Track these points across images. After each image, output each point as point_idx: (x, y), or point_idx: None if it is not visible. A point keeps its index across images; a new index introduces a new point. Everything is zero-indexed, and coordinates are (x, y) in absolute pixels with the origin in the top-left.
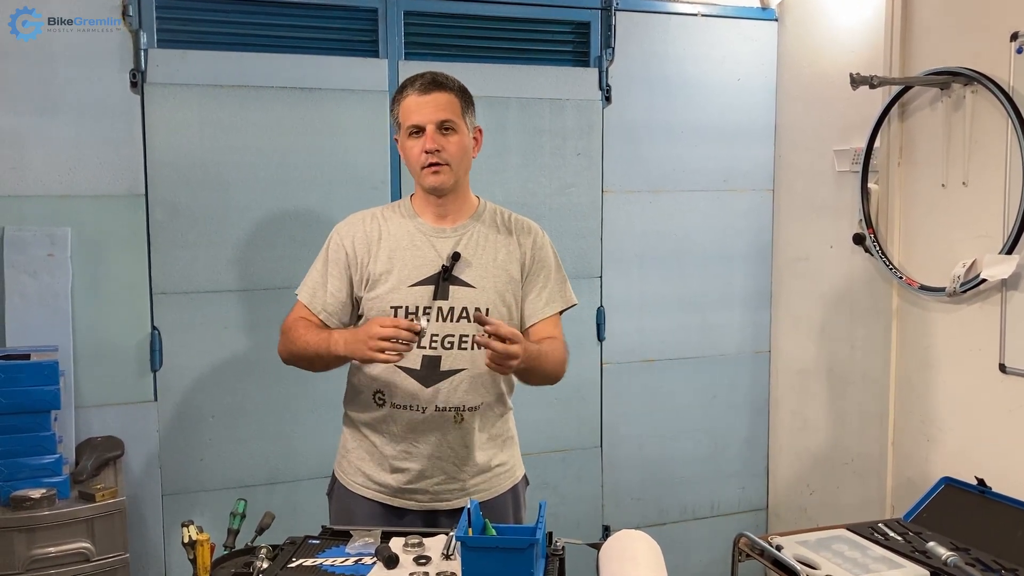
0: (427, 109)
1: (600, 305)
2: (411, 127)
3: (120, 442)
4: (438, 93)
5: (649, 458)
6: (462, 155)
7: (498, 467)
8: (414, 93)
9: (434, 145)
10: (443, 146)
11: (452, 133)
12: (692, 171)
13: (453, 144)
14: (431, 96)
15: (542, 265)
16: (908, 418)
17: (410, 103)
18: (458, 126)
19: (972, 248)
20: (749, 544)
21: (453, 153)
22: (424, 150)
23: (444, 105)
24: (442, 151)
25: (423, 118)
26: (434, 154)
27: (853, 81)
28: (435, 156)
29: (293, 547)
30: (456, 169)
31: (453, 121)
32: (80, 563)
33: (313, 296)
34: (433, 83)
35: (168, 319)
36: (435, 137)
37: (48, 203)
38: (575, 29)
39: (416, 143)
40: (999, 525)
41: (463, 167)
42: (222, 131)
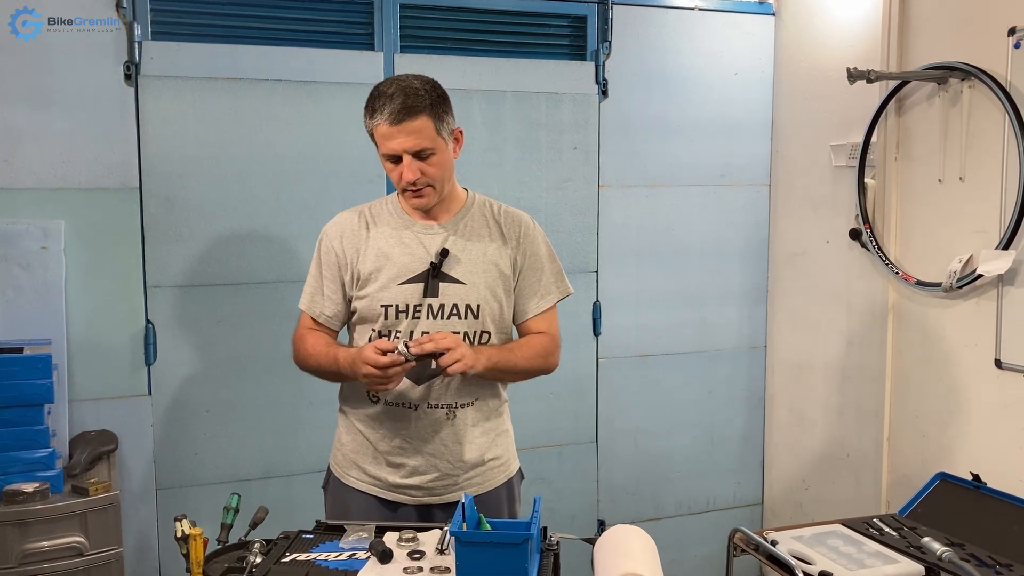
0: (400, 139)
1: (596, 300)
2: (386, 156)
3: (114, 436)
4: (410, 121)
5: (644, 453)
6: (443, 172)
7: (492, 461)
8: (385, 123)
9: (413, 175)
10: (422, 171)
11: (431, 155)
12: (689, 166)
13: (433, 166)
14: (403, 125)
15: (535, 259)
16: (904, 413)
17: (383, 131)
18: (435, 147)
19: (968, 243)
20: (744, 539)
21: (433, 175)
22: (403, 180)
23: (418, 132)
24: (421, 177)
25: (397, 148)
26: (415, 183)
27: (850, 76)
28: (415, 184)
29: (287, 542)
30: (439, 187)
31: (428, 147)
32: (73, 557)
33: (312, 303)
34: (403, 110)
35: (162, 313)
36: (412, 166)
37: (41, 196)
38: (572, 23)
39: (394, 167)
40: (994, 521)
41: (445, 180)
42: (216, 124)
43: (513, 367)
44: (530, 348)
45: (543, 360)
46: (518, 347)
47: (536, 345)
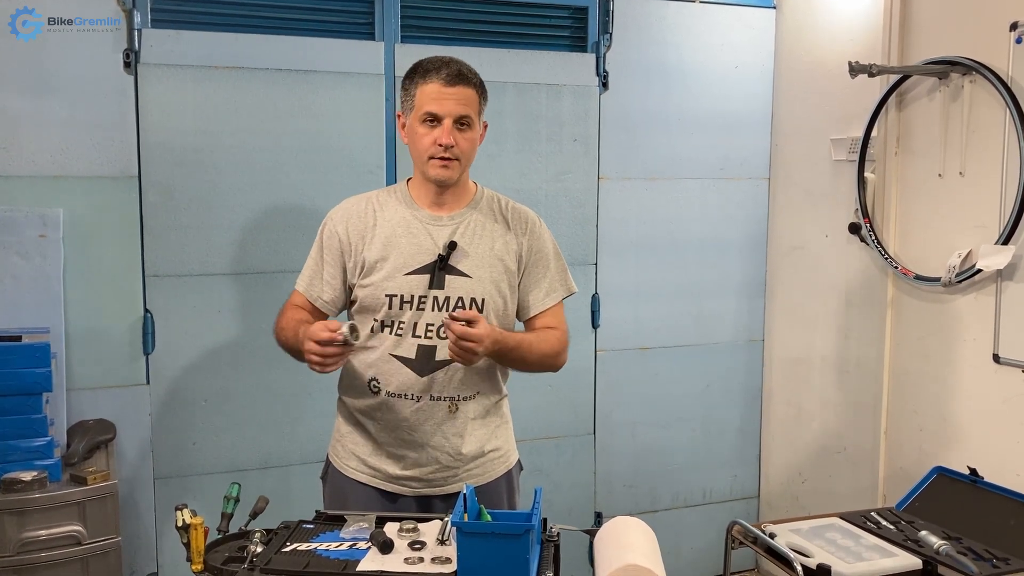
0: (449, 102)
1: (595, 292)
2: (428, 114)
3: (112, 425)
4: (463, 87)
5: (642, 445)
6: (472, 151)
7: (492, 452)
8: (439, 82)
9: (449, 140)
10: (457, 141)
11: (467, 129)
12: (689, 159)
13: (466, 140)
14: (456, 89)
15: (541, 255)
16: (901, 407)
17: (432, 90)
18: (473, 123)
19: (968, 238)
20: (742, 532)
21: (465, 149)
22: (438, 142)
23: (466, 100)
24: (455, 147)
25: (443, 110)
26: (448, 149)
27: (851, 69)
28: (448, 151)
29: (287, 531)
30: (465, 164)
31: (471, 118)
32: (71, 546)
33: (310, 285)
34: (459, 76)
35: (161, 302)
36: (451, 132)
37: (40, 184)
38: (573, 14)
39: (429, 132)
40: (990, 514)
41: (470, 161)
42: (216, 113)
43: (521, 358)
44: (543, 344)
45: (553, 359)
46: (536, 341)
47: (550, 341)
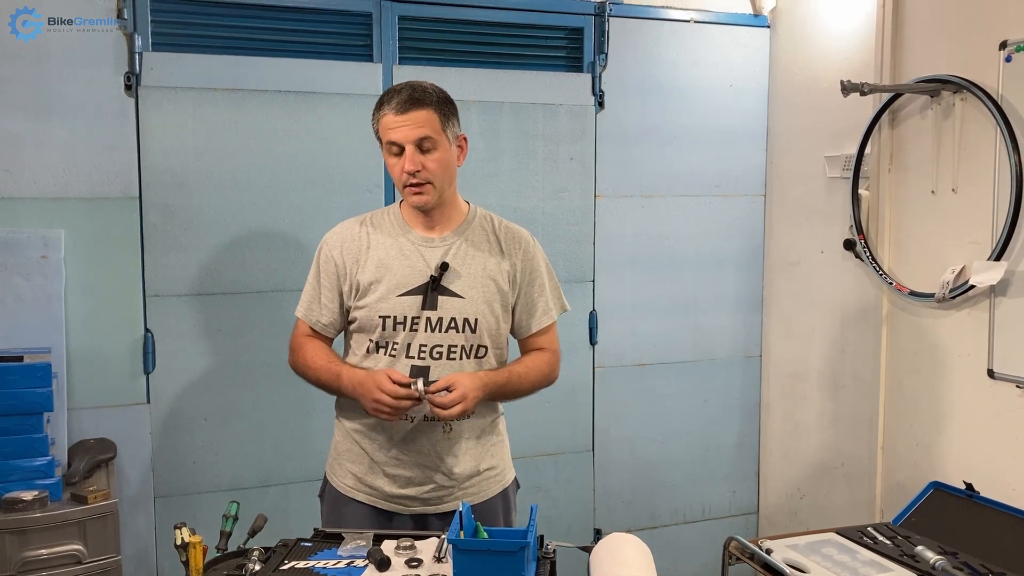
0: (404, 129)
1: (592, 309)
2: (390, 144)
3: (112, 444)
4: (415, 111)
5: (640, 461)
6: (444, 170)
7: (488, 471)
8: (391, 112)
9: (413, 166)
10: (423, 164)
11: (433, 150)
12: (684, 176)
13: (433, 161)
14: (408, 115)
15: (534, 276)
16: (898, 423)
17: (388, 121)
18: (438, 142)
19: (961, 254)
20: (739, 548)
21: (434, 170)
22: (403, 170)
23: (422, 123)
24: (422, 170)
25: (401, 137)
26: (414, 175)
27: (844, 88)
28: (415, 176)
29: (285, 549)
30: (439, 185)
31: (432, 139)
32: (72, 565)
33: (309, 310)
34: (410, 101)
35: (161, 321)
36: (414, 157)
37: (42, 205)
38: (568, 35)
39: (396, 161)
40: (987, 529)
41: (446, 181)
42: (216, 134)
43: (516, 392)
44: (532, 373)
45: (544, 381)
46: (525, 372)
47: (540, 365)
